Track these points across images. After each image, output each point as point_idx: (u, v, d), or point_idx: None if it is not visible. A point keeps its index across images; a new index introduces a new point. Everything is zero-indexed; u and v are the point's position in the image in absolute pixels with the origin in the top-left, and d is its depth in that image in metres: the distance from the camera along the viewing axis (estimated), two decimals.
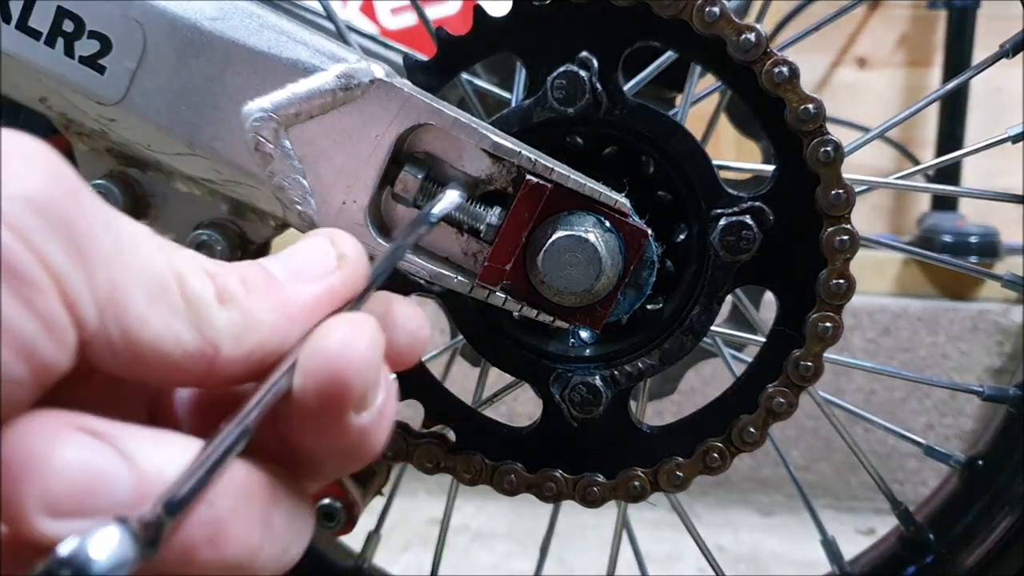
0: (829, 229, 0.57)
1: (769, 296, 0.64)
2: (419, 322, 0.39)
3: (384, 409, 0.34)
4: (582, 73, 0.57)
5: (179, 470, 0.29)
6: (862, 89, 2.02)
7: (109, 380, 0.32)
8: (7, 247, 0.27)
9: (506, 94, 0.75)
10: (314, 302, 0.35)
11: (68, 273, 0.28)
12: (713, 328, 0.62)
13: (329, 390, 0.32)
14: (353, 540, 0.84)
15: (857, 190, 0.57)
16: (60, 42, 0.52)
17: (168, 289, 0.31)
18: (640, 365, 0.61)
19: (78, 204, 0.29)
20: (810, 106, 0.56)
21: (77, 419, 0.29)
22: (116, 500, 0.28)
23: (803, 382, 0.60)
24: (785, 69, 0.56)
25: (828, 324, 0.59)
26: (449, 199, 0.50)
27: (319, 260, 0.37)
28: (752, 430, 0.61)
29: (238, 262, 0.35)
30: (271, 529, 0.32)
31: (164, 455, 0.30)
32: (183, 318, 0.31)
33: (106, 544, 0.26)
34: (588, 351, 0.62)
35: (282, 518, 0.33)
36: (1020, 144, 0.69)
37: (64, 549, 0.26)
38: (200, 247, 0.58)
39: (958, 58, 1.85)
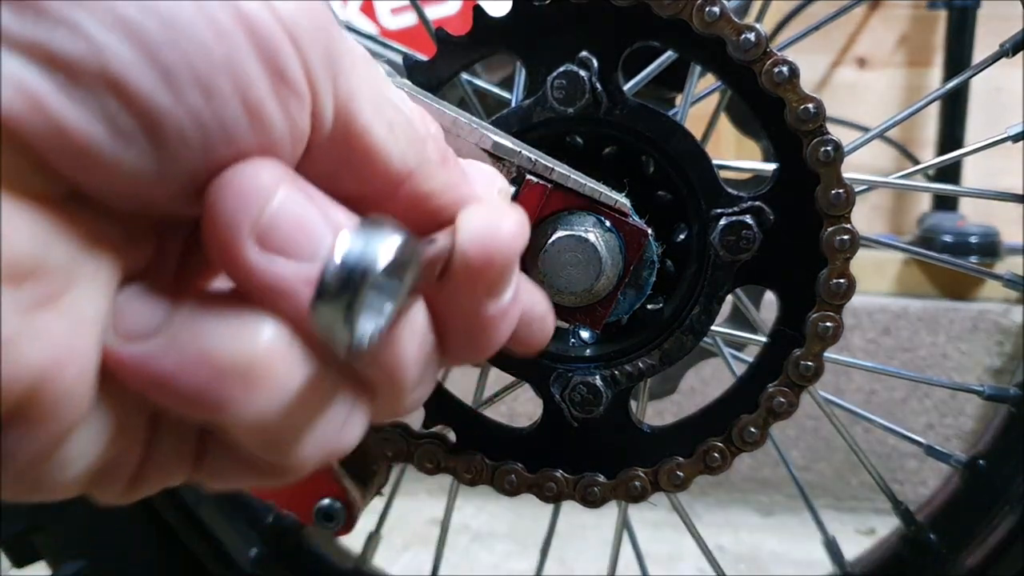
0: (829, 229, 0.57)
1: (769, 296, 0.64)
2: (546, 305, 0.41)
3: (510, 310, 0.36)
4: (582, 73, 0.57)
5: None
6: (862, 89, 2.02)
7: None
8: (285, 53, 0.28)
9: (506, 94, 0.75)
10: (475, 204, 0.37)
11: (323, 84, 0.30)
12: (713, 328, 0.62)
13: (470, 260, 0.33)
14: (353, 540, 0.84)
15: (857, 190, 0.57)
16: None
17: (390, 105, 0.33)
18: (640, 365, 0.61)
19: (332, 19, 0.31)
20: (810, 106, 0.56)
21: (298, 179, 0.30)
22: (316, 255, 0.28)
23: (803, 382, 0.60)
24: (785, 69, 0.56)
25: (828, 324, 0.59)
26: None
27: (489, 182, 0.40)
28: (753, 430, 0.61)
29: None
30: (423, 353, 0.34)
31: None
32: (398, 133, 0.33)
33: (389, 247, 0.27)
34: (588, 351, 0.62)
35: (428, 352, 0.35)
36: (1020, 144, 0.69)
37: (342, 246, 0.26)
38: None
39: (958, 58, 1.85)
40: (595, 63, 0.57)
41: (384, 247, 0.27)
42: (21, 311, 0.25)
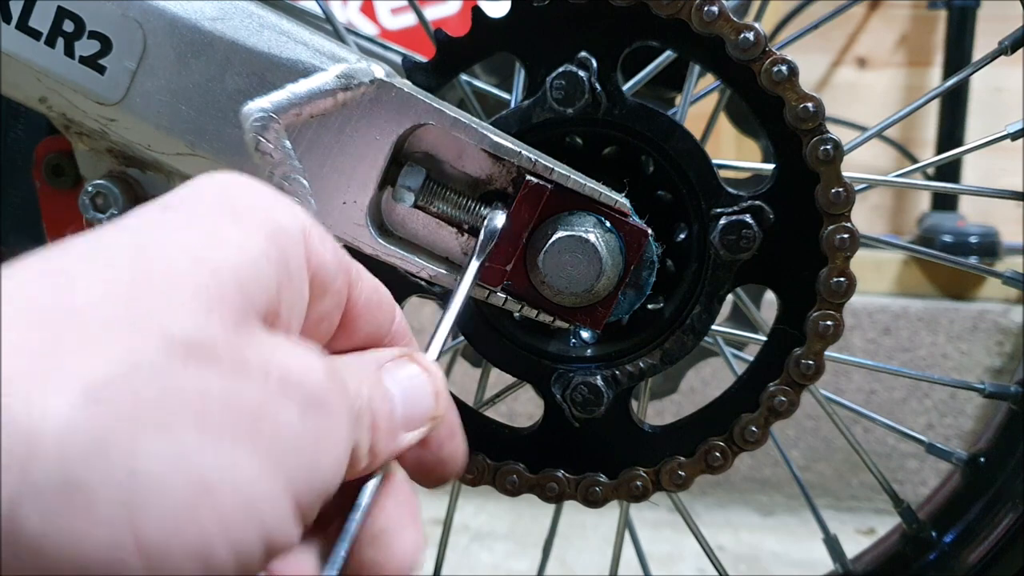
0: (829, 227, 0.57)
1: (770, 295, 0.64)
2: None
3: None
4: (581, 73, 0.57)
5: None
6: (862, 89, 2.02)
7: None
8: None
9: (505, 95, 0.75)
10: (402, 449, 0.41)
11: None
12: (714, 327, 0.62)
13: None
14: None
15: (857, 188, 0.58)
16: (60, 42, 0.52)
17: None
18: (641, 365, 0.61)
19: None
20: (809, 104, 0.56)
21: None
22: None
23: (804, 380, 0.60)
24: (784, 68, 0.56)
25: (829, 322, 0.59)
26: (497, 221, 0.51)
27: (422, 410, 0.42)
28: (754, 429, 0.61)
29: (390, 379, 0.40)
30: None
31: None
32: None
33: None
34: (589, 351, 0.62)
35: None
36: (1019, 142, 0.69)
37: None
38: None
39: (958, 58, 1.84)
40: (594, 63, 0.57)
41: None
42: None
